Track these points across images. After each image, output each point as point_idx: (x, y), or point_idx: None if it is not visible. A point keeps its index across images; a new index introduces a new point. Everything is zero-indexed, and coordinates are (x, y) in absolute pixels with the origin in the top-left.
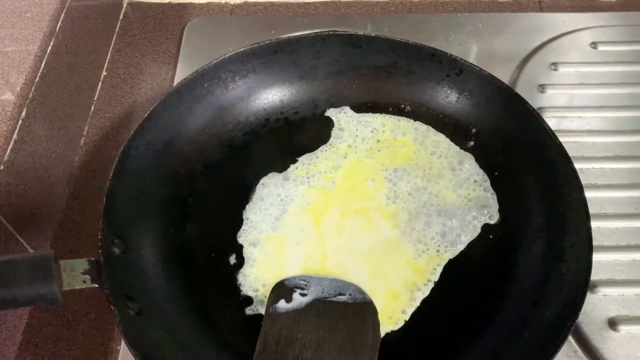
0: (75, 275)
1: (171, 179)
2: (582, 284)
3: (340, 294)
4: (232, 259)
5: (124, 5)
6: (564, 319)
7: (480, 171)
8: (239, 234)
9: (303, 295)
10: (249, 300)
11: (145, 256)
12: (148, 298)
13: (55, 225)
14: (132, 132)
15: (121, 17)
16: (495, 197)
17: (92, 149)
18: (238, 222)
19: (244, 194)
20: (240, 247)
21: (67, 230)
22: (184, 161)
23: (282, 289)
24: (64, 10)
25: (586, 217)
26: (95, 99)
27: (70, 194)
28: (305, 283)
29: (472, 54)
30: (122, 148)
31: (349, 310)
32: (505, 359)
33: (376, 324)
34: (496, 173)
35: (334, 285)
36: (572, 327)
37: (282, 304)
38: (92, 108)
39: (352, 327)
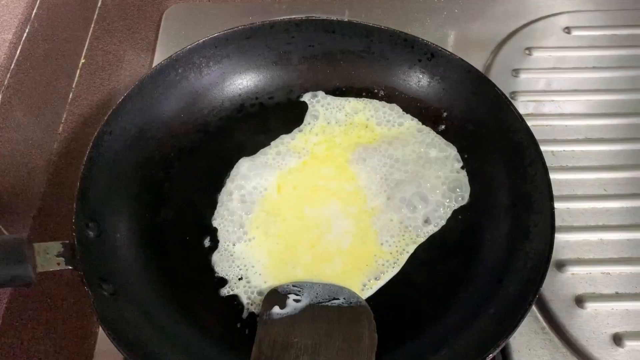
0: (49, 257)
1: (146, 164)
2: (544, 262)
3: (334, 299)
4: (207, 242)
5: None
6: (526, 295)
7: (452, 153)
8: (213, 217)
9: (297, 301)
10: (223, 282)
11: (120, 239)
12: (123, 280)
13: (34, 212)
14: (105, 118)
15: (99, 3)
16: (466, 179)
17: (70, 135)
18: (213, 206)
19: (219, 178)
20: (215, 230)
21: (46, 216)
22: (158, 146)
23: (275, 296)
24: None
25: (550, 197)
26: (73, 86)
27: (49, 181)
28: (299, 289)
29: (448, 39)
30: (96, 133)
31: (344, 314)
32: (470, 333)
33: (372, 326)
34: (466, 155)
35: (327, 290)
36: (533, 302)
37: (276, 310)
38: (71, 95)
39: (348, 329)
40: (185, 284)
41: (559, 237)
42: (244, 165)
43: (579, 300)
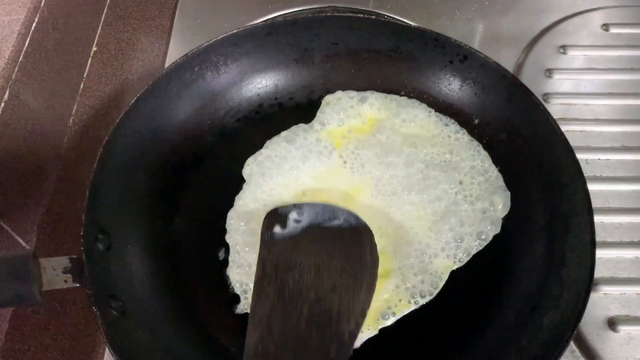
0: (57, 274)
1: (159, 170)
2: (582, 295)
3: (335, 219)
4: (222, 254)
5: None
6: (562, 329)
7: (492, 166)
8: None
9: (297, 221)
10: (237, 298)
11: (131, 251)
12: (132, 296)
13: (43, 210)
14: (117, 121)
15: None
16: (508, 195)
17: (81, 129)
18: None
19: (236, 185)
20: None
21: (55, 215)
22: (172, 150)
23: (276, 216)
24: None
25: (590, 221)
26: (84, 76)
27: (59, 177)
28: (299, 210)
29: (477, 35)
30: (106, 137)
31: (345, 234)
32: None
33: (373, 246)
34: (498, 167)
35: (327, 210)
36: (570, 340)
37: (277, 230)
38: (82, 86)
39: (349, 249)
40: (197, 301)
41: None
42: (256, 168)
43: (612, 323)
